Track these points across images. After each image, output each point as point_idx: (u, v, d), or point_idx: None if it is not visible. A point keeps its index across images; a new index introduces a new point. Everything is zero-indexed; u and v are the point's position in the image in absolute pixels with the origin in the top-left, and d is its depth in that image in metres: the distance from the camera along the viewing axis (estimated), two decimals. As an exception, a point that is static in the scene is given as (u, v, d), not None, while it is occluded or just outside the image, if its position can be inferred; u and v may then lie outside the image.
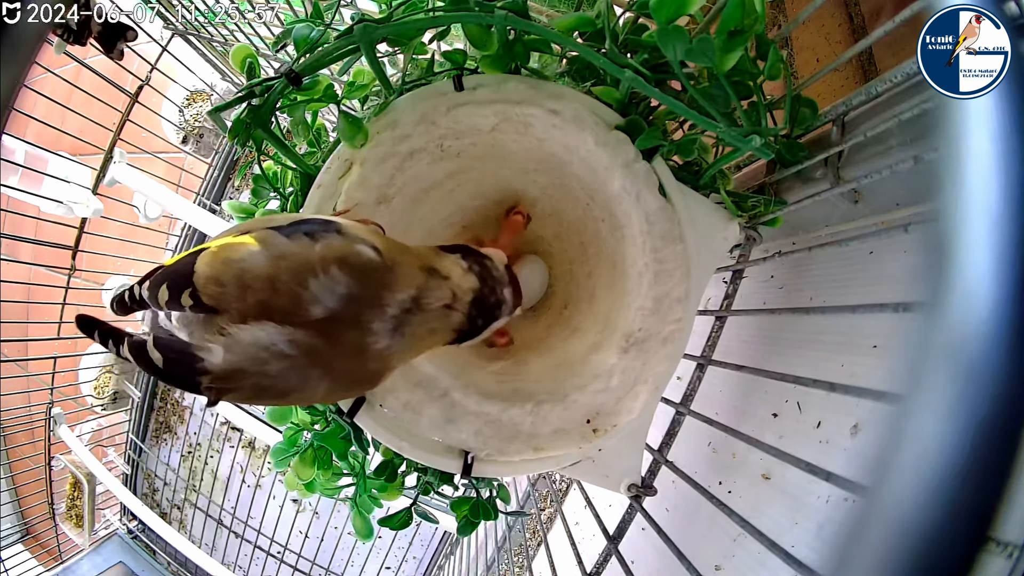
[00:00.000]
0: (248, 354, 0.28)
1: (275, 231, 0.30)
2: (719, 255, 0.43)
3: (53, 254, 1.35)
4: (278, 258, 0.29)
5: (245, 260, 0.29)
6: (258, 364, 0.28)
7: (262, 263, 0.29)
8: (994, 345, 0.15)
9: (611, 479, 0.44)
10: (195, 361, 0.28)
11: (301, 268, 0.29)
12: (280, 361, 0.29)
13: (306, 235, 0.30)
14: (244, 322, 0.28)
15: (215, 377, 0.28)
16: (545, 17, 0.50)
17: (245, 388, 0.29)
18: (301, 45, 0.36)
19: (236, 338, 0.28)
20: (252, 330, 0.28)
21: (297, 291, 0.29)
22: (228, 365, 0.28)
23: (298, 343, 0.29)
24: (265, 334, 0.28)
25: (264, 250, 0.29)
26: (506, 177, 0.47)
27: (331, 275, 0.29)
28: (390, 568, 1.62)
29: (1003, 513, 0.14)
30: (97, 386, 1.65)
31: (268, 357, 0.28)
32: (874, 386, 0.28)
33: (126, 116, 1.27)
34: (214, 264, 0.29)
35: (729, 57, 0.32)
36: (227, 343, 0.28)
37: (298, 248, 0.30)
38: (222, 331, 0.28)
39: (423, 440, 0.42)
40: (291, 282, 0.29)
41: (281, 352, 0.28)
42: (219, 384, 0.29)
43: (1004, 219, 0.15)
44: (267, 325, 0.28)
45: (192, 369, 0.28)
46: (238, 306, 0.28)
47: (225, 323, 0.28)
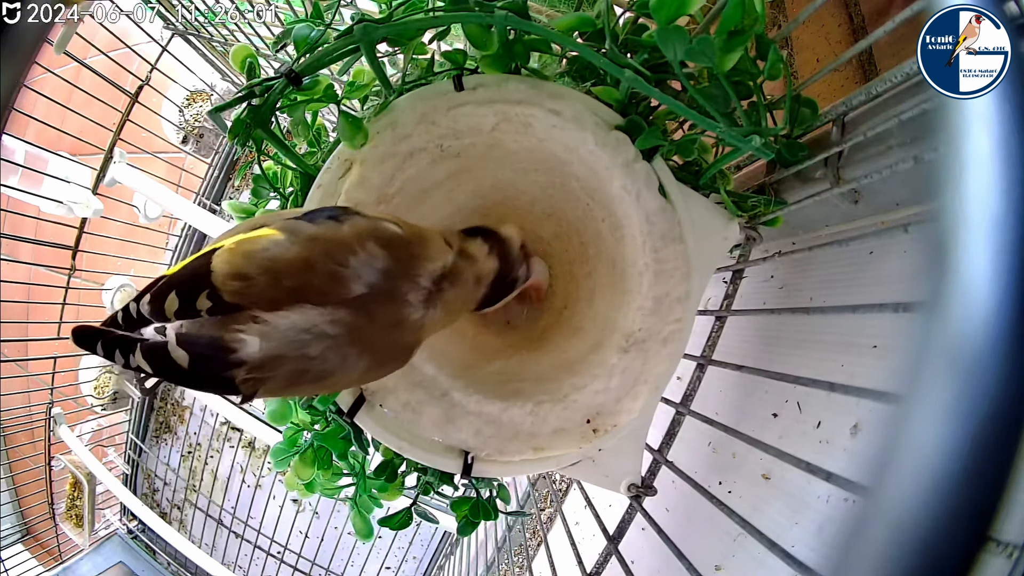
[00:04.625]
0: (287, 339, 0.28)
1: (297, 220, 0.31)
2: (719, 255, 0.43)
3: (53, 254, 1.35)
4: (310, 241, 0.29)
5: (270, 249, 0.29)
6: (298, 348, 0.28)
7: (294, 249, 0.29)
8: (994, 345, 0.15)
9: (611, 479, 0.44)
10: (228, 353, 0.27)
11: (338, 247, 0.30)
12: (322, 342, 0.29)
13: (330, 218, 0.31)
14: (278, 309, 0.28)
15: (252, 367, 0.28)
16: (545, 17, 0.50)
17: (281, 376, 0.29)
18: (301, 45, 0.36)
19: (273, 325, 0.28)
20: (289, 315, 0.28)
21: (337, 270, 0.29)
22: (265, 353, 0.28)
23: (340, 322, 0.29)
24: (304, 318, 0.28)
25: (291, 236, 0.29)
26: (506, 177, 0.47)
27: (369, 250, 0.30)
28: (390, 568, 1.61)
29: (1003, 513, 0.14)
30: (97, 386, 1.64)
31: (310, 339, 0.28)
32: (874, 386, 0.28)
33: (126, 116, 1.27)
34: (233, 260, 0.29)
35: (729, 57, 0.32)
36: (263, 331, 0.28)
37: (328, 230, 0.30)
38: (255, 319, 0.28)
39: (423, 440, 0.42)
40: (330, 262, 0.29)
41: (323, 332, 0.28)
42: (256, 374, 0.28)
43: (1004, 219, 0.15)
44: (305, 308, 0.28)
45: (225, 363, 0.27)
46: (269, 295, 0.28)
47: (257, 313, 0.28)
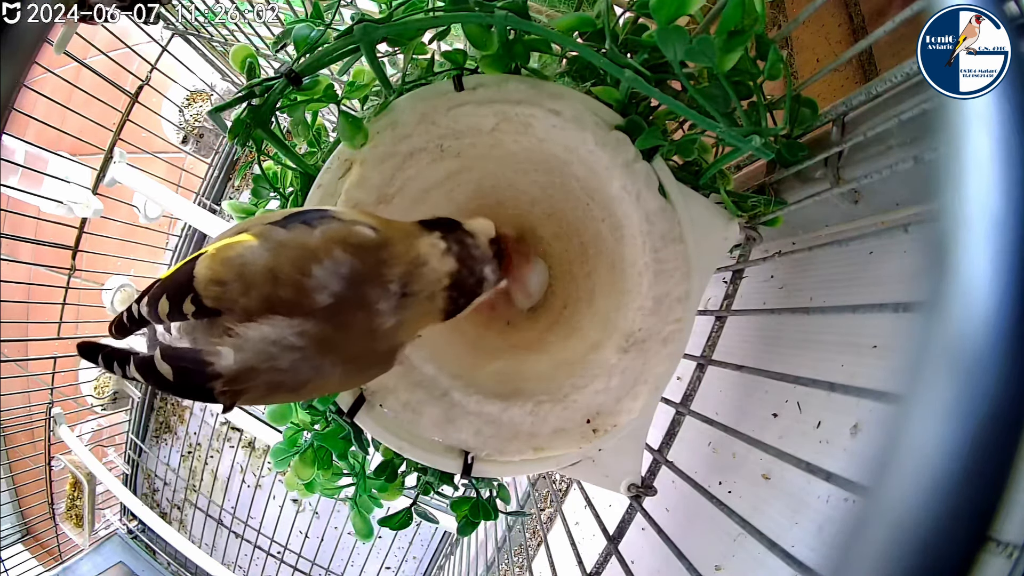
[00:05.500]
0: (258, 351, 0.28)
1: (272, 225, 0.30)
2: (719, 255, 0.43)
3: (53, 254, 1.35)
4: (278, 249, 0.29)
5: (244, 256, 0.29)
6: (269, 360, 0.28)
7: (262, 257, 0.29)
8: (994, 345, 0.15)
9: (611, 479, 0.44)
10: (206, 366, 0.28)
11: (303, 256, 0.29)
12: (291, 354, 0.28)
13: (303, 223, 0.30)
14: (251, 320, 0.28)
15: (227, 380, 0.28)
16: (545, 17, 0.50)
17: (259, 387, 0.29)
18: (301, 45, 0.36)
19: (245, 336, 0.28)
20: (259, 326, 0.28)
21: (300, 280, 0.29)
22: (239, 365, 0.28)
23: (307, 334, 0.28)
24: (272, 329, 0.28)
25: (263, 243, 0.29)
26: (506, 177, 0.47)
27: (335, 257, 0.29)
28: (390, 568, 1.61)
29: (1003, 513, 0.14)
30: (97, 386, 1.64)
31: (278, 352, 0.28)
32: (874, 386, 0.28)
33: (126, 116, 1.27)
34: (213, 265, 0.29)
35: (729, 57, 0.32)
36: (236, 343, 0.28)
37: (297, 236, 0.30)
38: (229, 332, 0.28)
39: (423, 440, 0.42)
40: (293, 272, 0.29)
41: (291, 345, 0.28)
42: (232, 386, 0.28)
43: (1004, 219, 0.15)
44: (274, 319, 0.28)
45: (203, 375, 0.28)
46: (243, 303, 0.28)
47: (231, 323, 0.28)
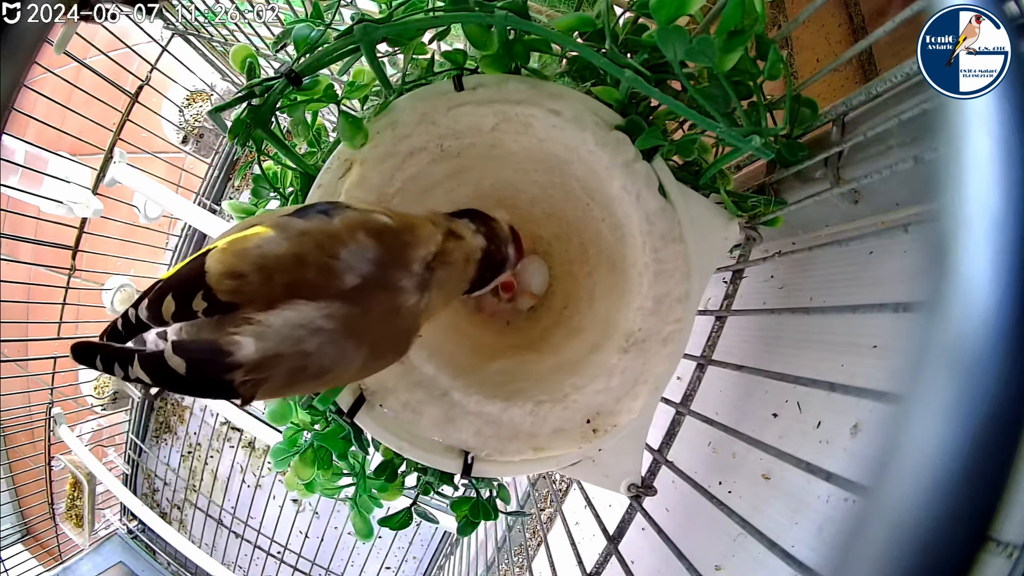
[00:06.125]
0: (282, 336, 0.28)
1: (289, 216, 0.31)
2: (719, 255, 0.43)
3: (53, 254, 1.35)
4: (301, 236, 0.29)
5: (262, 246, 0.29)
6: (295, 344, 0.28)
7: (283, 245, 0.29)
8: (994, 345, 0.15)
9: (611, 479, 0.44)
10: (224, 356, 0.27)
11: (329, 240, 0.30)
12: (318, 336, 0.28)
13: (320, 213, 0.31)
14: (272, 307, 0.28)
15: (249, 368, 0.27)
16: (545, 17, 0.50)
17: (280, 375, 0.28)
18: (301, 45, 0.36)
19: (267, 324, 0.27)
20: (283, 312, 0.28)
21: (328, 262, 0.29)
22: (261, 354, 0.27)
23: (334, 315, 0.29)
24: (298, 313, 0.28)
25: (281, 233, 0.29)
26: (506, 177, 0.47)
27: (359, 241, 0.30)
28: (390, 568, 1.61)
29: (1003, 513, 0.14)
30: (97, 386, 1.65)
31: (306, 334, 0.28)
32: (874, 386, 0.28)
33: (126, 116, 1.27)
34: (225, 259, 0.28)
35: (729, 57, 0.32)
36: (258, 331, 0.27)
37: (319, 224, 0.30)
38: (248, 321, 0.27)
39: (423, 440, 0.42)
40: (321, 255, 0.29)
41: (319, 327, 0.28)
42: (254, 375, 0.28)
43: (1004, 219, 0.15)
44: (298, 304, 0.28)
45: (222, 366, 0.27)
46: (264, 292, 0.28)
47: (251, 313, 0.27)
